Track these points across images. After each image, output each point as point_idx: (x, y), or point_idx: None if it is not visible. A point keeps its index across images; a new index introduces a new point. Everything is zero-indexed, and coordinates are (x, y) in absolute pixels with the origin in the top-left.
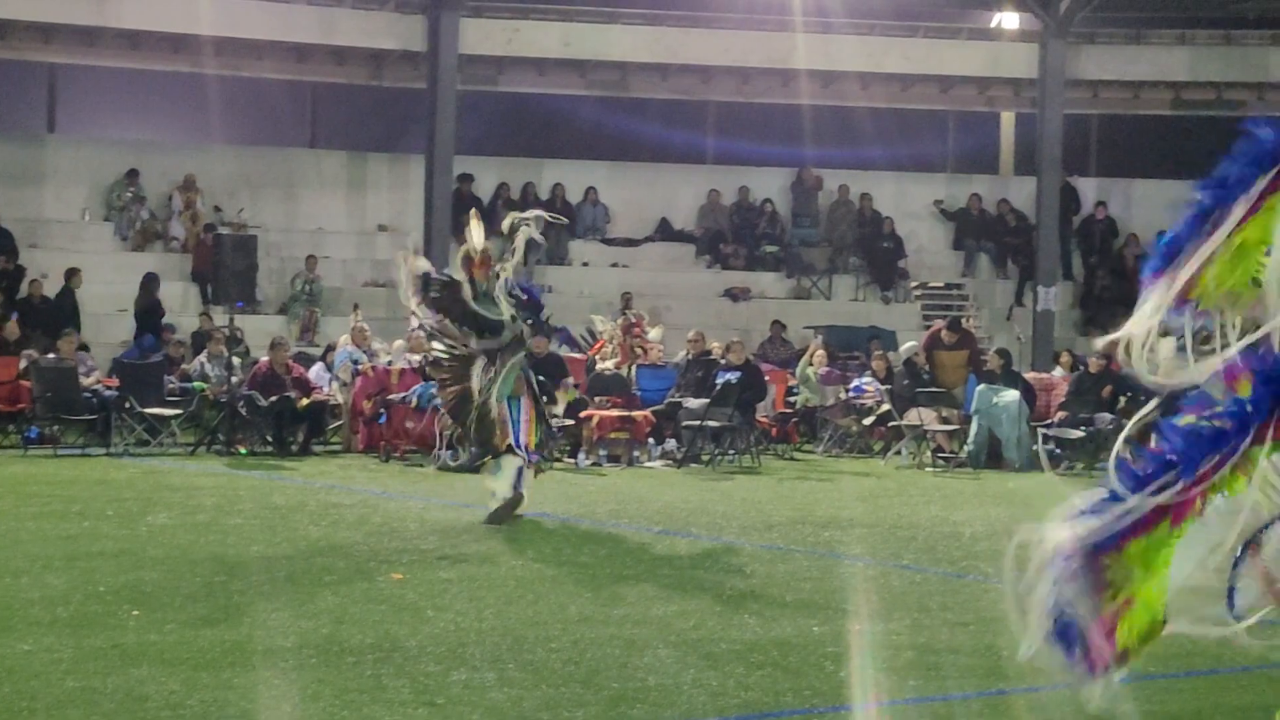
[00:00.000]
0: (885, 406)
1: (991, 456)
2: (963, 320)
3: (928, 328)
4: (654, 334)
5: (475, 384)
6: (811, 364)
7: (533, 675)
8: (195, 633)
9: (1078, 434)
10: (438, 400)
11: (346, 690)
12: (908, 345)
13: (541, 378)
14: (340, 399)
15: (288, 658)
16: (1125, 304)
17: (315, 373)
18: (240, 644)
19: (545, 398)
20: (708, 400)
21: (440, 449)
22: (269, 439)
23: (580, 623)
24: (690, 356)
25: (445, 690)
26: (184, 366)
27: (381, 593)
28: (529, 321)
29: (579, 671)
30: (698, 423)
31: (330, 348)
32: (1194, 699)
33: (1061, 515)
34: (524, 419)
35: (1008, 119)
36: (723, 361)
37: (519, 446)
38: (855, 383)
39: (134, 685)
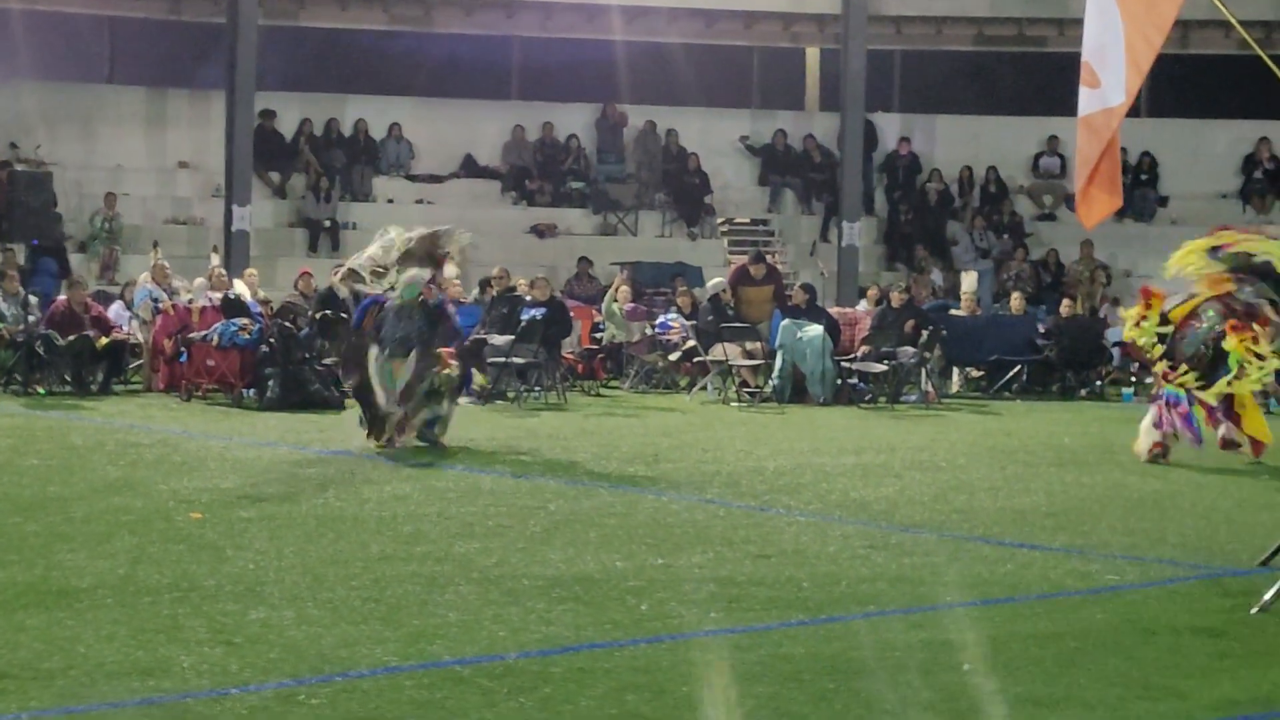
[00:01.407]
0: (691, 342)
1: (796, 391)
2: (768, 255)
3: (732, 264)
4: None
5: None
6: (616, 300)
7: (331, 613)
8: None
9: (881, 368)
10: (241, 338)
11: (142, 630)
12: (714, 281)
13: None
14: (141, 338)
15: (82, 598)
16: (927, 239)
17: (114, 311)
18: (34, 585)
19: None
20: (513, 337)
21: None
22: (68, 379)
23: (381, 560)
24: (495, 293)
25: (243, 629)
26: None
27: (180, 532)
28: None
29: (379, 609)
30: (503, 359)
31: (129, 284)
32: (989, 626)
33: None
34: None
35: (812, 55)
36: (527, 298)
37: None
38: (660, 319)
39: None
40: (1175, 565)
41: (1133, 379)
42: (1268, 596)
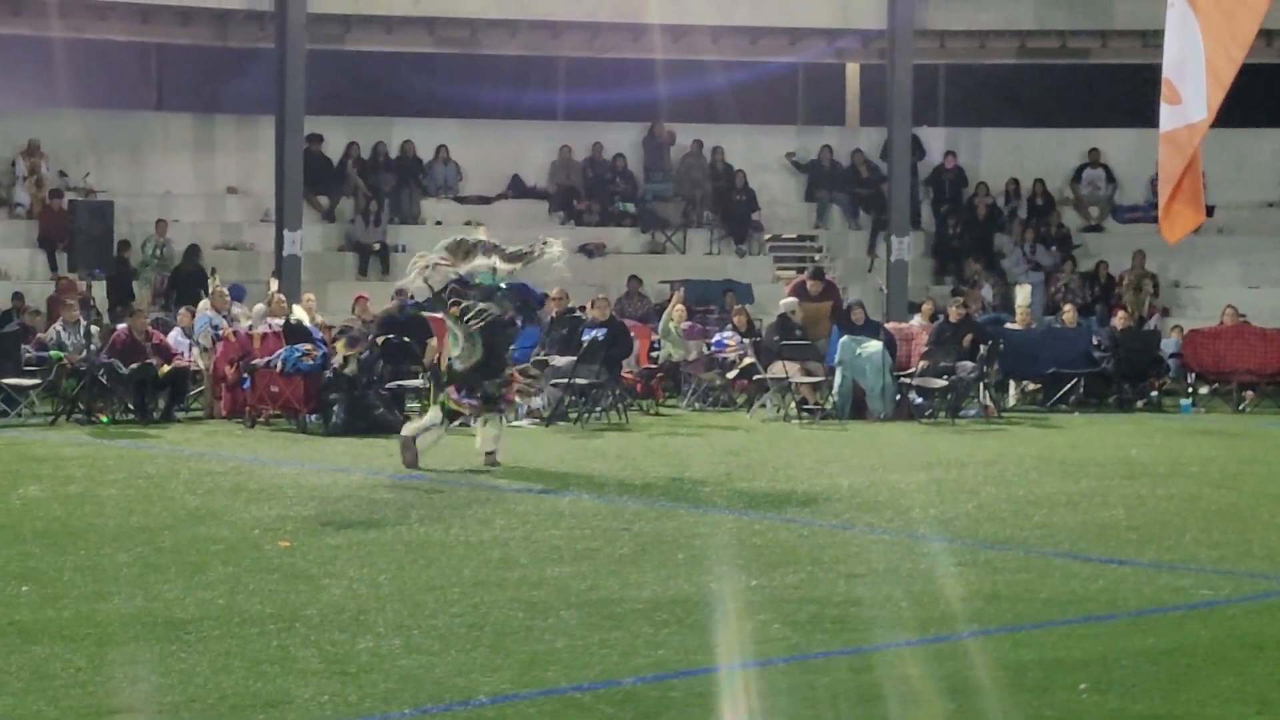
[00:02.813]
0: (748, 360)
1: (855, 407)
2: (822, 270)
3: (785, 281)
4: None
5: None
6: (673, 318)
7: (439, 641)
8: (91, 606)
9: (940, 383)
10: (305, 363)
11: (256, 661)
12: (786, 300)
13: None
14: (202, 365)
15: (189, 629)
16: (975, 252)
17: (173, 338)
18: (137, 616)
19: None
20: (574, 358)
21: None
22: (130, 407)
23: (477, 586)
24: (555, 314)
25: (354, 659)
26: (39, 335)
27: (271, 561)
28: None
29: (485, 636)
30: (565, 380)
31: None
32: (1096, 644)
33: None
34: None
35: (852, 70)
36: (587, 318)
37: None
38: (717, 337)
39: (38, 663)
40: (1267, 579)
41: (1190, 390)
42: None
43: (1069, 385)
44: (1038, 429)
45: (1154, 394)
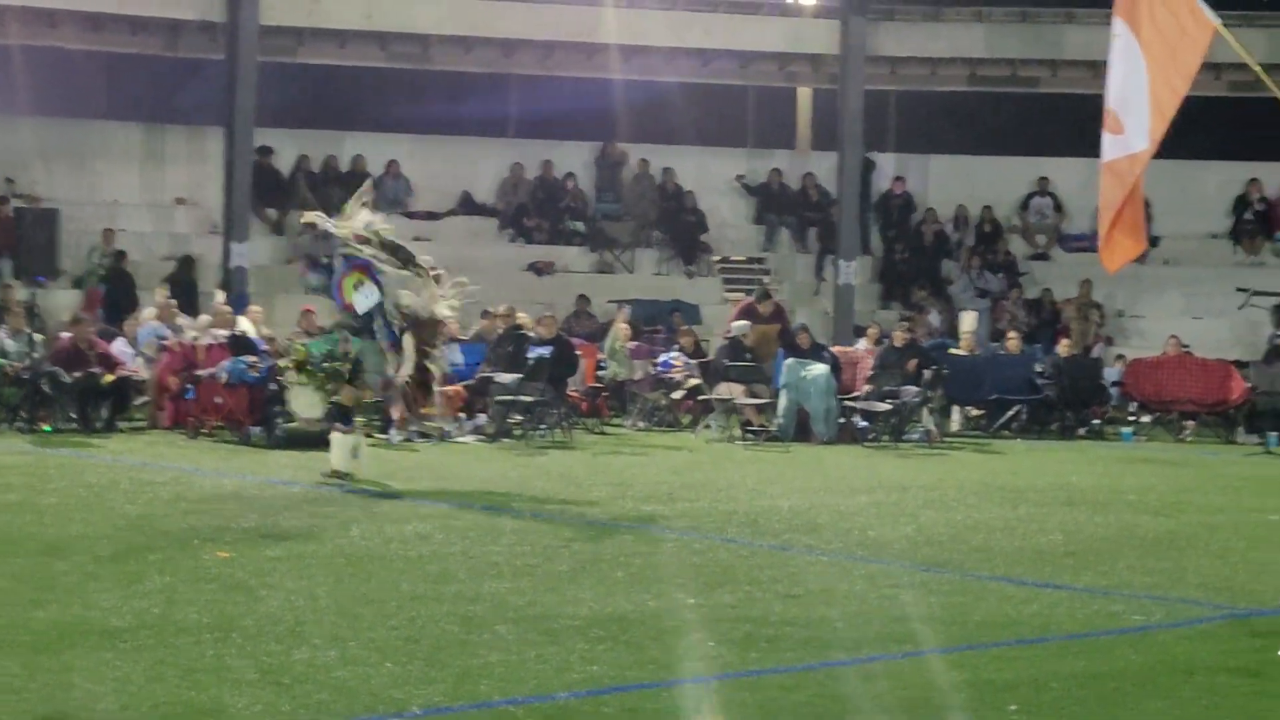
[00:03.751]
0: (694, 380)
1: (800, 430)
2: (771, 293)
3: (728, 301)
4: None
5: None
6: (618, 338)
7: (375, 653)
8: (27, 614)
9: (884, 407)
10: (249, 375)
11: (190, 671)
12: (739, 324)
13: None
14: (146, 375)
15: (125, 638)
16: (922, 277)
17: (117, 348)
18: (75, 625)
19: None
20: (520, 375)
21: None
22: (73, 416)
23: (414, 600)
24: (500, 331)
25: (289, 670)
26: None
27: (209, 571)
28: None
29: (420, 649)
30: (510, 398)
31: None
32: (1028, 666)
33: None
34: None
35: (804, 94)
36: (533, 336)
37: None
38: (663, 357)
39: None
40: (1199, 605)
41: (1131, 418)
42: None
43: (1012, 411)
44: (980, 454)
45: (1096, 422)
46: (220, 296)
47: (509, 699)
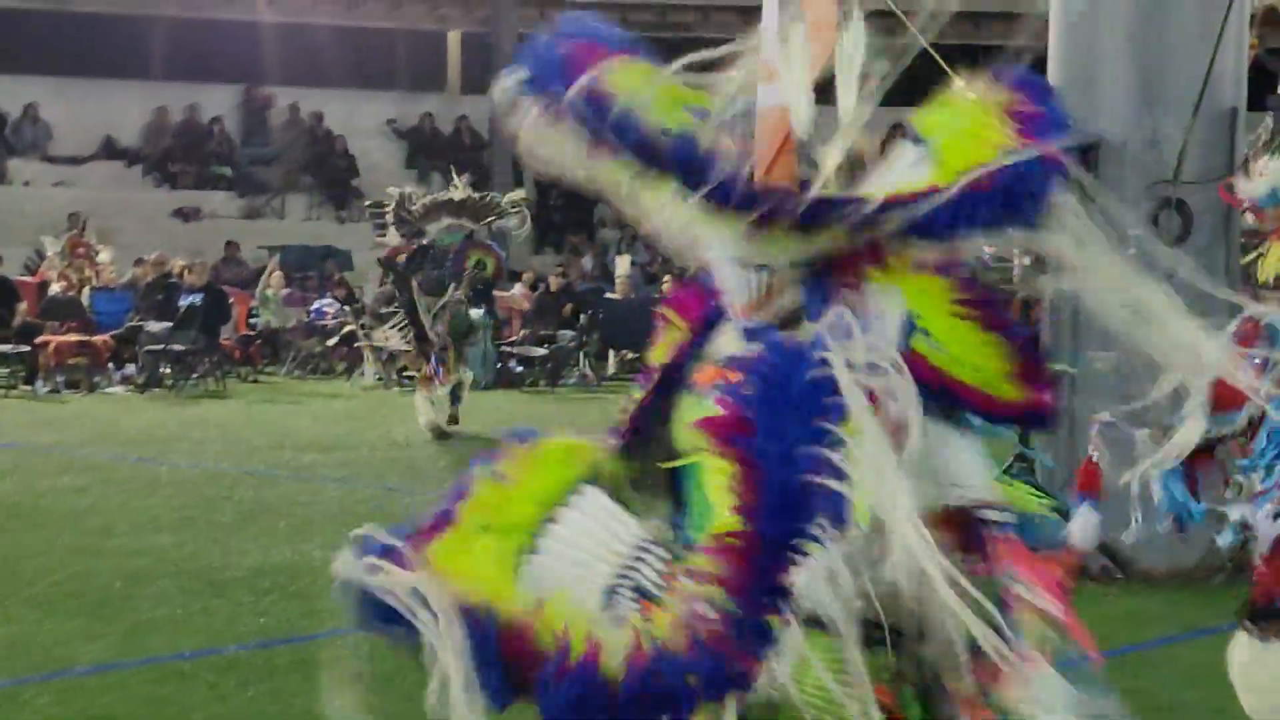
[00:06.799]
0: (348, 327)
1: None
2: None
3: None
4: (104, 255)
5: None
6: (270, 285)
7: (38, 610)
8: None
9: (540, 351)
10: None
11: None
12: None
13: None
14: None
15: None
16: (576, 224)
17: None
18: None
19: None
20: (170, 324)
21: None
22: None
23: (76, 554)
24: (150, 279)
25: None
26: None
27: None
28: None
29: (85, 604)
30: (161, 346)
31: None
32: None
33: None
34: None
35: (454, 38)
36: (184, 283)
37: None
38: (316, 304)
39: None
40: None
41: None
42: None
43: None
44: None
45: None
46: None
47: (178, 653)
